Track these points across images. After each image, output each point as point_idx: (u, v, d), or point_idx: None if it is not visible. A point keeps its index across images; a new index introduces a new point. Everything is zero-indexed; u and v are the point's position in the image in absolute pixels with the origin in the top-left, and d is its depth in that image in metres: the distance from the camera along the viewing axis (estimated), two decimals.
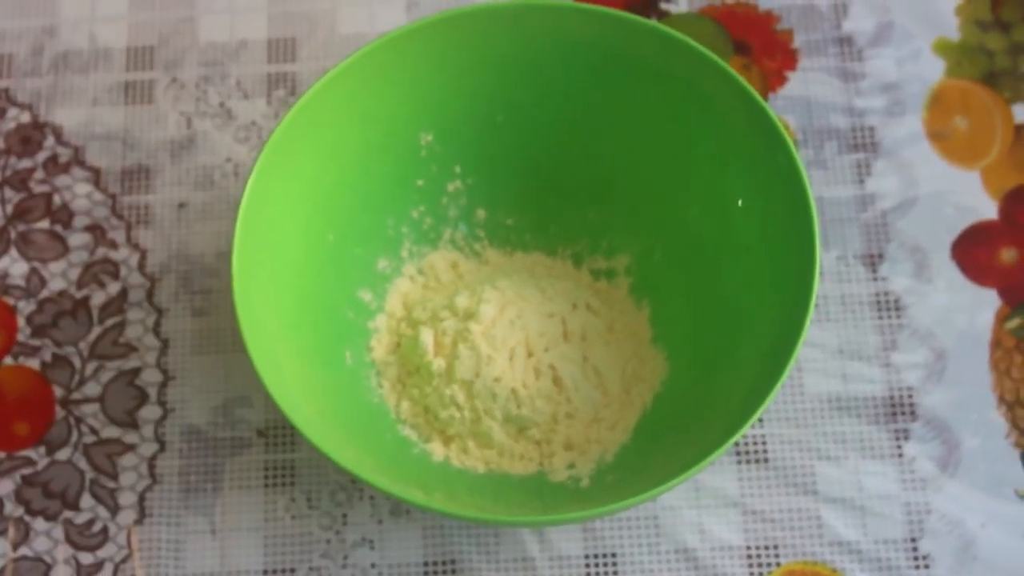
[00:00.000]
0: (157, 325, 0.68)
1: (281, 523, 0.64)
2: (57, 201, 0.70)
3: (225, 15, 0.75)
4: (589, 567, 0.64)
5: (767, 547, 0.64)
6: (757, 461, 0.65)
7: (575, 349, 0.64)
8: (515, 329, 0.63)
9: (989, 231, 0.69)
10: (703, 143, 0.63)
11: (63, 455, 0.66)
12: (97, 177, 0.71)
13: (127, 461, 0.66)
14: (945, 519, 0.64)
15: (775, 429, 0.66)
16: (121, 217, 0.70)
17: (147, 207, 0.70)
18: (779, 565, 0.64)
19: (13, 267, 0.69)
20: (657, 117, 0.64)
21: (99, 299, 0.68)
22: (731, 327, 0.62)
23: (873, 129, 0.71)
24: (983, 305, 0.68)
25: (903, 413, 0.66)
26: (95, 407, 0.66)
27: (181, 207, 0.70)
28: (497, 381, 0.62)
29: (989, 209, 0.70)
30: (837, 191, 0.70)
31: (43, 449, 0.66)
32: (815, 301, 0.58)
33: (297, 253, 0.62)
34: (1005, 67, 0.72)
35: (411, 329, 0.65)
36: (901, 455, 0.65)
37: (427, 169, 0.66)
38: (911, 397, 0.66)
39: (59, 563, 0.64)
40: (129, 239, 0.70)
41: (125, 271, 0.69)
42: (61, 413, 0.66)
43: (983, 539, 0.64)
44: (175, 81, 0.73)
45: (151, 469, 0.65)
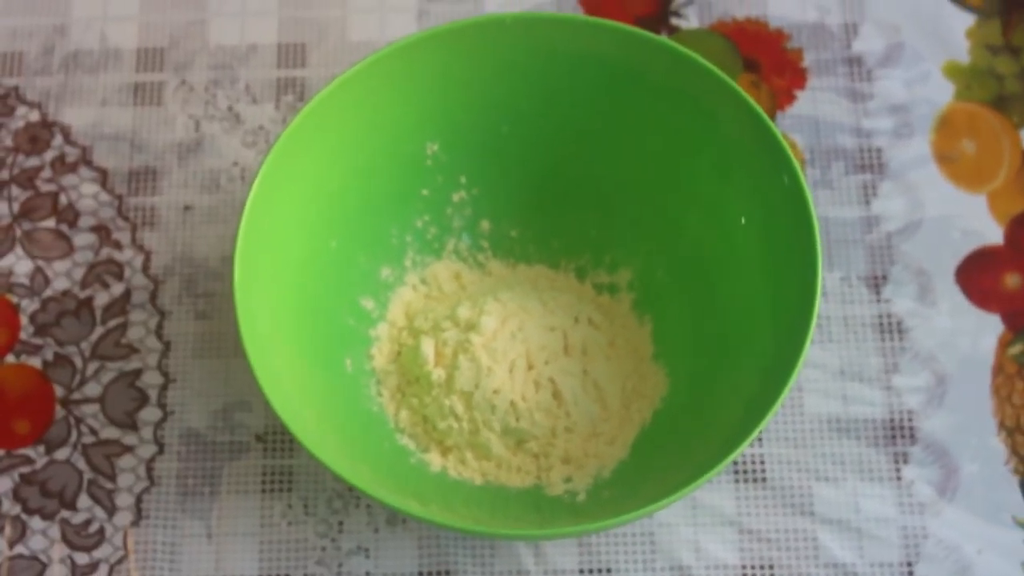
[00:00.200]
0: (159, 327, 0.68)
1: (277, 529, 0.65)
2: (63, 200, 0.71)
3: (236, 18, 0.75)
4: None
5: (762, 567, 0.64)
6: (755, 480, 0.65)
7: (576, 363, 0.64)
8: (516, 341, 0.63)
9: (994, 256, 0.69)
10: (708, 160, 0.63)
11: (62, 454, 0.66)
12: (104, 177, 0.71)
13: (125, 462, 0.66)
14: (942, 544, 0.64)
15: (774, 449, 0.66)
16: (127, 218, 0.70)
17: (153, 209, 0.70)
18: None
19: (18, 265, 0.69)
20: (663, 133, 0.64)
21: (102, 299, 0.69)
22: (732, 345, 0.62)
23: (880, 150, 0.71)
24: (986, 330, 0.68)
25: (903, 436, 0.66)
26: (95, 407, 0.67)
27: (187, 210, 0.70)
28: (496, 393, 0.62)
29: (995, 234, 0.70)
30: (843, 211, 0.70)
31: (42, 448, 0.66)
32: (816, 322, 0.58)
33: (300, 259, 0.62)
34: (1014, 91, 0.72)
35: (412, 338, 0.65)
36: (900, 478, 0.65)
37: (432, 179, 0.66)
38: (911, 420, 0.66)
39: (55, 562, 0.64)
40: (134, 240, 0.70)
41: (129, 272, 0.69)
42: (61, 413, 0.67)
43: (979, 566, 0.64)
44: (184, 83, 0.73)
45: (149, 471, 0.65)
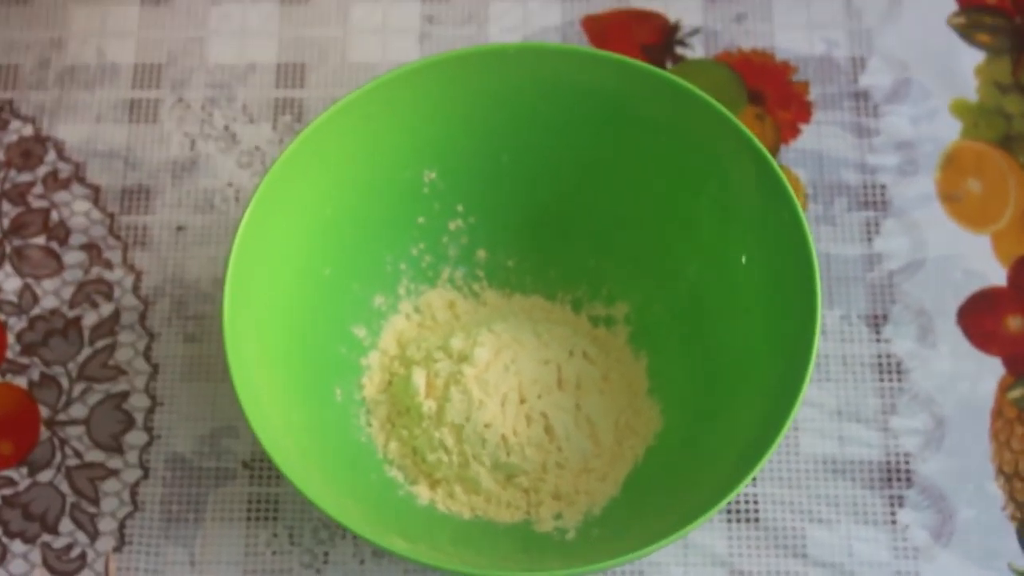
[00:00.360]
0: (148, 349, 0.67)
1: (261, 558, 0.64)
2: (55, 217, 0.70)
3: (235, 37, 0.74)
4: None
5: None
6: (748, 520, 0.64)
7: (568, 397, 0.63)
8: (509, 374, 0.62)
9: (996, 297, 0.68)
10: (709, 197, 0.62)
11: (45, 477, 0.65)
12: (96, 195, 0.70)
13: (109, 486, 0.65)
14: None
15: (768, 489, 0.65)
16: (118, 237, 0.69)
17: (145, 228, 0.70)
18: None
19: (6, 282, 0.68)
20: (664, 167, 0.63)
21: (91, 319, 0.68)
22: (729, 383, 0.61)
23: (884, 187, 0.70)
24: (986, 373, 0.67)
25: (899, 479, 0.65)
26: (80, 430, 0.66)
27: (179, 230, 0.70)
28: (487, 427, 0.61)
29: (998, 275, 0.69)
30: (844, 249, 0.69)
31: (25, 470, 0.65)
32: (815, 361, 0.57)
33: (292, 285, 0.62)
34: (1022, 131, 0.71)
35: (404, 368, 0.64)
36: (895, 522, 0.64)
37: (429, 206, 0.65)
38: (908, 463, 0.65)
39: None
40: (125, 260, 0.69)
41: (119, 292, 0.68)
42: (46, 434, 0.66)
43: None
44: (181, 101, 0.72)
45: (133, 496, 0.64)
